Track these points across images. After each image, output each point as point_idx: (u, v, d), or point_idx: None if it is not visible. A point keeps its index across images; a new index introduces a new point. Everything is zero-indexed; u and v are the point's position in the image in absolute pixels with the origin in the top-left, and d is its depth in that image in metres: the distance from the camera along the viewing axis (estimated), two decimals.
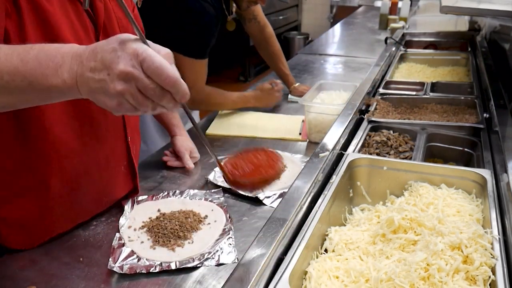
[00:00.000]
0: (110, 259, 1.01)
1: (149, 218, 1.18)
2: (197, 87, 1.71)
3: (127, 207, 1.22)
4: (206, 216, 1.19)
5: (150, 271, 0.99)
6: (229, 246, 1.07)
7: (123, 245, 1.07)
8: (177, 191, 1.32)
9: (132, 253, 1.04)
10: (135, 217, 1.18)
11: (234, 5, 1.84)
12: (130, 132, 1.20)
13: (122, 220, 1.16)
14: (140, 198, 1.27)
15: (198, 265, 1.01)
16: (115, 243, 1.07)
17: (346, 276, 0.86)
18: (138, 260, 1.02)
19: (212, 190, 1.33)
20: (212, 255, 1.04)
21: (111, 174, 1.19)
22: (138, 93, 0.66)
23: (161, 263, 1.01)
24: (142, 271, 0.99)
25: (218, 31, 1.72)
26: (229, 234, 1.11)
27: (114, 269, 0.98)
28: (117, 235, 1.11)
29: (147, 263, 1.01)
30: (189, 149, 1.50)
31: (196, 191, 1.32)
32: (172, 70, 0.66)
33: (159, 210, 1.21)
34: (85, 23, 1.01)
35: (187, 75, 1.66)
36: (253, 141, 1.69)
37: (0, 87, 0.70)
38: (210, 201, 1.27)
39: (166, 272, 1.00)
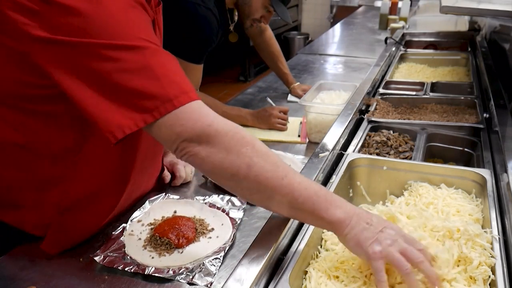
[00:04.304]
0: (101, 248, 1.02)
1: (162, 217, 1.16)
2: None
3: (147, 202, 1.21)
4: (213, 229, 1.12)
5: (126, 269, 0.97)
6: (212, 266, 0.98)
7: (119, 237, 1.07)
8: (201, 196, 1.26)
9: (122, 247, 1.03)
10: (150, 212, 1.17)
11: (236, 12, 1.83)
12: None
13: (136, 213, 1.16)
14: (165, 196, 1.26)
15: (170, 278, 0.96)
16: (115, 232, 1.08)
17: (346, 276, 0.86)
18: (123, 256, 1.01)
19: (236, 203, 1.23)
20: (188, 272, 0.96)
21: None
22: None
23: (138, 264, 0.98)
24: (119, 267, 0.97)
25: (218, 40, 1.70)
26: (220, 253, 1.02)
27: (96, 258, 0.99)
28: (123, 225, 1.11)
29: (128, 261, 1.00)
30: None
31: (218, 198, 1.24)
32: None
33: (175, 212, 1.18)
34: None
35: None
36: None
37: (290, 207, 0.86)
38: (226, 213, 1.17)
39: (167, 276, 0.99)
